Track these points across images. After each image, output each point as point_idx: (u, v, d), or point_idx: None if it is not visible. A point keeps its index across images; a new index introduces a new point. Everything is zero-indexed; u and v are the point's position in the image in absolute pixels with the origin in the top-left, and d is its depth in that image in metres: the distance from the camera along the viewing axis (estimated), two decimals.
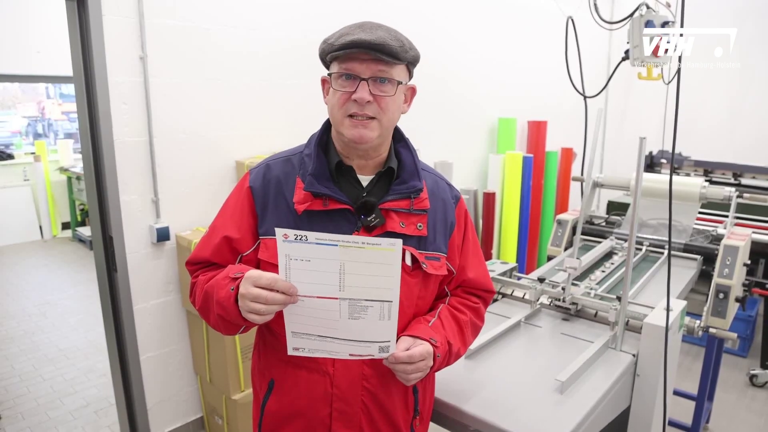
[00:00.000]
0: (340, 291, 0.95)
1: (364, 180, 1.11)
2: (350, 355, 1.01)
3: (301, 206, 1.05)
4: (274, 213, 1.08)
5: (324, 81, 1.10)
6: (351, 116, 1.02)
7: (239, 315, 0.97)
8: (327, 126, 1.14)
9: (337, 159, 1.10)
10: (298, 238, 0.92)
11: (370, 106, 1.01)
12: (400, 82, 1.04)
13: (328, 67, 1.07)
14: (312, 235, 0.92)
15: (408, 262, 1.09)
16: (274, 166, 1.12)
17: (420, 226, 1.10)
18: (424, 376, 1.06)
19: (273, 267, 0.97)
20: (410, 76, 1.10)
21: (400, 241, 0.93)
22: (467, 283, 1.22)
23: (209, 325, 1.11)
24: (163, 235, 2.32)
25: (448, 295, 1.22)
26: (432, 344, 1.05)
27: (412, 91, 1.13)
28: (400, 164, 1.13)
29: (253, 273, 0.94)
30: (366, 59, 1.00)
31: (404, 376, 1.03)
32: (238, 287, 0.96)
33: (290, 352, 1.01)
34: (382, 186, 1.11)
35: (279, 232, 0.92)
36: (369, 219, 1.05)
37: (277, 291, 0.93)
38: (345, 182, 1.10)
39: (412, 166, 1.13)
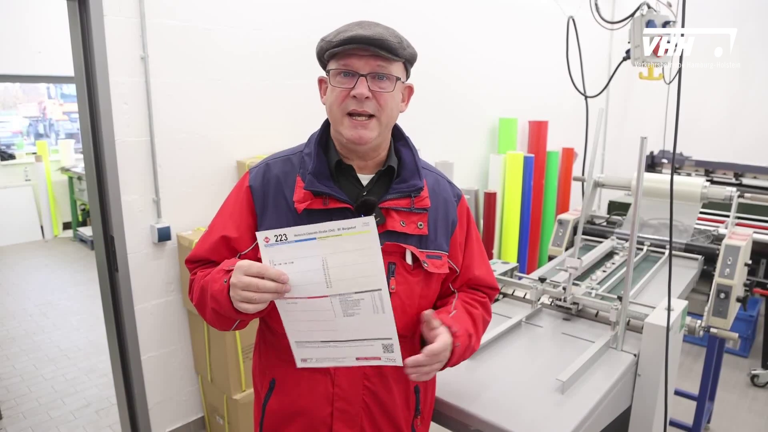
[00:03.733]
0: (328, 288, 0.94)
1: (365, 179, 1.11)
2: (357, 359, 1.01)
3: (302, 205, 1.05)
4: (274, 212, 1.08)
5: (321, 81, 1.10)
6: (350, 115, 1.02)
7: (232, 307, 0.96)
8: (327, 125, 1.14)
9: (337, 158, 1.10)
10: (279, 238, 0.92)
11: (369, 102, 1.01)
12: (398, 79, 1.04)
13: (325, 66, 1.07)
14: (290, 232, 0.92)
15: (409, 261, 1.09)
16: (273, 166, 1.12)
17: (420, 224, 1.10)
18: (439, 368, 1.06)
19: None
20: (407, 74, 1.10)
21: (371, 218, 0.91)
22: (473, 281, 1.22)
23: (205, 321, 1.11)
24: (164, 235, 2.32)
25: (454, 293, 1.21)
26: (453, 333, 1.05)
27: (410, 90, 1.13)
28: (401, 163, 1.13)
29: (244, 263, 0.94)
30: (364, 55, 1.00)
31: (428, 369, 1.02)
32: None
33: (299, 364, 1.01)
34: (382, 185, 1.11)
35: (260, 236, 0.93)
36: None
37: (268, 279, 0.92)
38: (345, 181, 1.10)
39: (413, 165, 1.13)
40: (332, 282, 0.94)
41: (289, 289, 0.94)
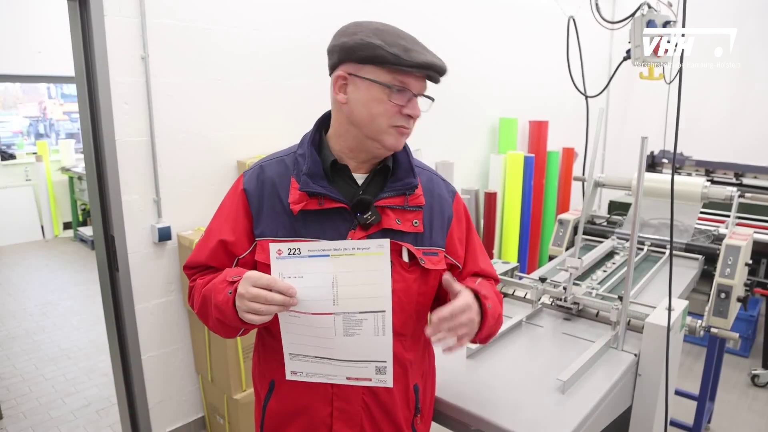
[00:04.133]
0: (334, 305, 0.95)
1: (359, 178, 1.12)
2: (347, 378, 1.01)
3: (297, 206, 1.05)
4: (270, 214, 1.08)
5: (341, 77, 1.04)
6: (395, 127, 1.05)
7: (237, 318, 0.97)
8: (319, 125, 1.14)
9: (332, 158, 1.10)
10: (292, 252, 0.93)
11: (412, 120, 1.07)
12: (432, 99, 1.09)
13: (340, 63, 1.03)
14: (304, 247, 0.93)
15: (405, 258, 1.09)
16: (267, 168, 1.12)
17: (416, 222, 1.10)
18: (472, 333, 1.02)
19: (269, 268, 0.97)
20: None
21: (387, 241, 0.93)
22: (480, 273, 1.22)
23: (208, 328, 1.11)
24: (164, 235, 2.32)
25: None
26: (483, 295, 1.06)
27: None
28: (395, 162, 1.14)
29: (252, 274, 0.95)
30: (419, 77, 1.04)
31: (451, 336, 0.99)
32: (235, 290, 0.96)
33: (288, 376, 1.02)
34: (377, 183, 1.12)
35: (273, 248, 0.93)
36: (365, 217, 1.05)
37: (277, 291, 0.93)
38: (340, 181, 1.10)
39: (407, 164, 1.13)
40: (339, 299, 0.95)
41: (296, 303, 0.95)
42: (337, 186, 1.09)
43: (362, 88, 1.02)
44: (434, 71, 1.03)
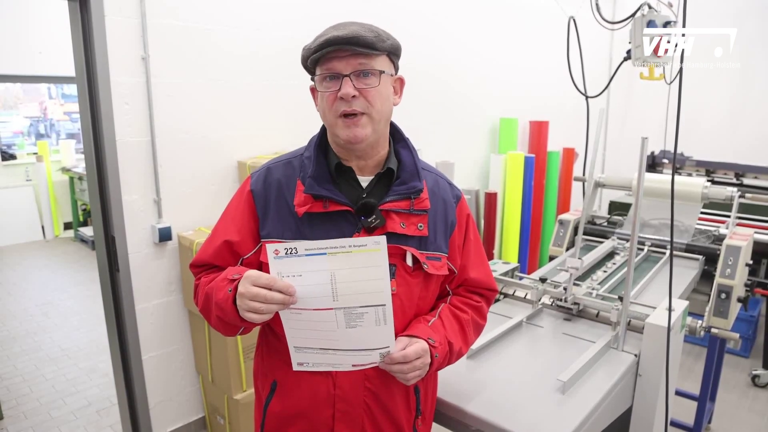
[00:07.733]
0: (334, 301, 0.95)
1: (364, 181, 1.12)
2: (353, 366, 1.02)
3: (302, 209, 1.06)
4: (276, 216, 1.09)
5: (312, 89, 1.10)
6: (343, 116, 1.02)
7: (237, 316, 0.98)
8: (325, 128, 1.14)
9: (337, 160, 1.10)
10: (289, 251, 0.93)
11: (357, 101, 1.01)
12: (382, 72, 1.04)
13: (313, 74, 1.08)
14: (301, 246, 0.93)
15: (409, 262, 1.09)
16: (275, 170, 1.13)
17: (420, 226, 1.10)
18: (423, 374, 1.06)
19: None
20: (396, 67, 1.10)
21: (383, 238, 0.93)
22: (469, 282, 1.22)
23: (210, 326, 1.12)
24: (165, 235, 2.32)
25: (449, 294, 1.22)
26: (429, 343, 1.06)
27: (401, 82, 1.13)
28: (400, 164, 1.13)
29: (252, 273, 0.95)
30: (345, 56, 1.00)
31: (401, 376, 1.03)
32: (235, 288, 0.97)
33: (295, 367, 1.03)
34: (382, 187, 1.11)
35: (270, 248, 0.93)
36: (369, 220, 1.06)
37: (276, 290, 0.93)
38: (345, 183, 1.10)
39: (412, 167, 1.13)
40: (338, 296, 0.95)
41: (296, 301, 0.95)
42: (342, 189, 1.09)
43: (317, 92, 1.07)
44: (340, 44, 0.98)
